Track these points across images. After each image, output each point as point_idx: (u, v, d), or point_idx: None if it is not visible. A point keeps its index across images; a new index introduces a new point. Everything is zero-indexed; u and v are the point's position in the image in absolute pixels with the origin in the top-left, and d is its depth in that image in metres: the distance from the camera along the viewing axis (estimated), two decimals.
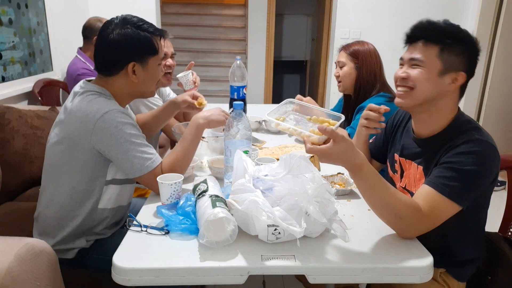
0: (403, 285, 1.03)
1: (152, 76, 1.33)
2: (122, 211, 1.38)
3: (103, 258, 1.26)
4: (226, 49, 5.42)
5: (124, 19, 1.29)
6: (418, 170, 1.19)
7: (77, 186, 1.25)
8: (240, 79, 1.87)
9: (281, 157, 1.09)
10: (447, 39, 1.09)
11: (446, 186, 1.03)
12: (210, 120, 1.37)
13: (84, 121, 1.20)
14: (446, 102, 1.13)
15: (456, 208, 1.03)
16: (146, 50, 1.28)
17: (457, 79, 1.10)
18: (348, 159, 1.00)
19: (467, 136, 1.07)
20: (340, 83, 1.96)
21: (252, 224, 0.97)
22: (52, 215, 1.28)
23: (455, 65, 1.10)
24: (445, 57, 1.09)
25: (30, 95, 2.58)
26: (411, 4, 3.76)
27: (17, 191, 1.82)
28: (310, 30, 6.67)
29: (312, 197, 0.99)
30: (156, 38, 1.30)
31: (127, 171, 1.24)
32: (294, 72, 6.99)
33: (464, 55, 1.10)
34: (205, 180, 1.17)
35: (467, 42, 1.10)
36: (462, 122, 1.13)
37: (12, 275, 0.96)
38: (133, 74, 1.28)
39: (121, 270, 0.91)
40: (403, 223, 1.02)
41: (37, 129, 1.88)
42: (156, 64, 1.32)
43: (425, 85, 1.11)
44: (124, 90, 1.31)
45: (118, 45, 1.24)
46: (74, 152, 1.22)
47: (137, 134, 1.24)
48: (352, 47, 1.91)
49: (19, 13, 2.48)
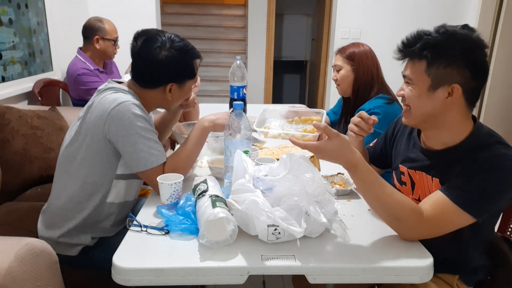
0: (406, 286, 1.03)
1: (185, 95, 1.42)
2: (128, 207, 1.40)
3: (105, 257, 1.26)
4: (226, 49, 5.42)
5: (172, 41, 1.33)
6: (433, 183, 1.12)
7: (87, 178, 1.27)
8: (240, 79, 1.87)
9: (281, 157, 1.09)
10: (430, 53, 1.01)
11: (461, 198, 0.98)
12: (216, 123, 1.38)
13: (100, 110, 1.24)
14: (452, 116, 1.05)
15: (469, 220, 1.00)
16: (187, 74, 1.36)
17: (452, 92, 1.02)
18: (343, 156, 1.00)
19: (492, 150, 1.00)
20: (338, 86, 1.95)
21: (252, 224, 0.97)
22: (61, 205, 1.31)
23: (446, 78, 1.01)
24: (433, 71, 1.01)
25: (30, 95, 2.58)
26: (411, 4, 3.76)
27: (17, 191, 1.82)
28: (310, 30, 6.67)
29: (312, 197, 0.99)
30: (196, 62, 1.38)
31: (132, 164, 1.25)
32: (294, 72, 6.99)
33: (455, 65, 1.00)
34: (205, 180, 1.17)
35: (456, 51, 1.00)
36: (482, 135, 1.05)
37: (12, 275, 0.96)
38: (169, 92, 1.34)
39: (121, 270, 0.91)
40: (401, 225, 1.02)
41: (37, 129, 1.88)
42: (191, 85, 1.41)
43: (418, 103, 1.06)
44: (154, 102, 1.38)
45: (163, 66, 1.30)
46: (89, 142, 1.25)
47: (148, 128, 1.25)
48: (348, 50, 1.90)
49: (19, 13, 2.48)
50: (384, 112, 1.74)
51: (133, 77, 1.35)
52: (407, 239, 1.03)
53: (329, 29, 4.28)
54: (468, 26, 1.04)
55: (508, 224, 1.41)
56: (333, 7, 4.01)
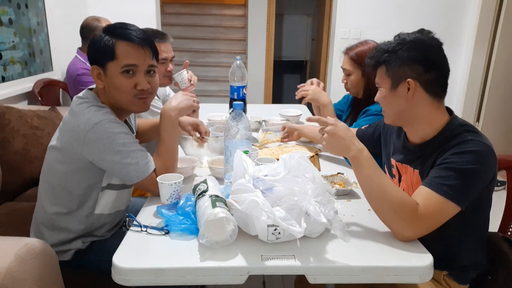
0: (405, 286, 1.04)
1: (114, 83, 1.21)
2: (120, 215, 1.39)
3: (100, 260, 1.26)
4: (226, 49, 5.42)
5: (108, 24, 1.26)
6: (414, 174, 1.20)
7: (73, 191, 1.24)
8: (240, 79, 1.87)
9: (281, 157, 1.09)
10: (384, 58, 1.15)
11: (442, 186, 1.03)
12: (180, 108, 1.33)
13: (75, 132, 1.18)
14: (421, 110, 1.15)
15: (455, 208, 1.03)
16: (105, 55, 1.20)
17: (409, 87, 1.13)
18: (353, 137, 1.10)
19: (461, 137, 1.08)
20: (348, 90, 1.91)
21: (252, 224, 0.97)
22: (48, 218, 1.28)
23: (401, 75, 1.13)
24: (390, 72, 1.15)
25: (30, 95, 2.58)
26: (411, 4, 3.76)
27: (17, 191, 1.82)
28: (310, 30, 6.67)
29: (312, 197, 0.99)
30: (124, 43, 1.20)
31: (123, 178, 1.23)
32: (294, 72, 6.99)
33: (407, 63, 1.12)
34: (205, 180, 1.17)
35: (403, 52, 1.12)
36: (455, 126, 1.13)
37: (12, 275, 0.96)
38: (98, 79, 1.24)
39: (121, 270, 0.91)
40: (397, 219, 1.02)
41: (37, 129, 1.88)
42: (116, 71, 1.21)
43: (387, 103, 1.19)
44: (105, 99, 1.26)
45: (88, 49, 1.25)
46: (68, 160, 1.22)
47: (129, 142, 1.21)
48: (356, 51, 1.83)
49: (19, 13, 2.48)
50: None
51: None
52: (403, 236, 1.03)
53: (329, 29, 4.28)
54: (423, 29, 1.16)
55: (508, 224, 1.41)
56: (333, 7, 4.01)
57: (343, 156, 1.16)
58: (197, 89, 1.99)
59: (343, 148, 1.10)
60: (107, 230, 1.35)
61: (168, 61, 1.89)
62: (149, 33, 1.54)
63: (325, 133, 1.13)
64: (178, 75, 1.97)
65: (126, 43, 1.21)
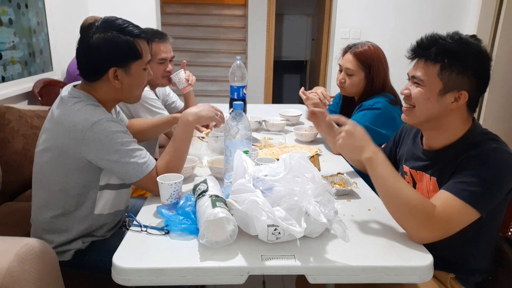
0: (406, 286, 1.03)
1: (137, 81, 1.27)
2: (120, 215, 1.38)
3: (101, 259, 1.26)
4: (226, 49, 5.42)
5: (105, 21, 1.21)
6: (431, 181, 1.16)
7: (70, 191, 1.23)
8: (240, 79, 1.87)
9: (281, 157, 1.09)
10: (446, 58, 1.04)
11: (464, 191, 1.00)
12: (200, 116, 1.34)
13: (72, 131, 1.16)
14: (453, 120, 1.10)
15: (474, 214, 1.01)
16: (127, 55, 1.22)
17: (459, 98, 1.06)
18: (368, 139, 1.10)
19: (486, 145, 1.05)
20: (343, 88, 1.87)
21: (252, 224, 0.97)
22: (45, 220, 1.27)
23: (457, 84, 1.05)
24: (446, 76, 1.05)
25: (30, 95, 2.58)
26: (411, 4, 3.76)
27: (17, 191, 1.82)
28: (310, 30, 6.67)
29: (312, 197, 0.99)
30: (139, 41, 1.23)
31: (122, 177, 1.23)
32: (294, 72, 6.99)
33: (466, 73, 1.05)
34: (205, 180, 1.17)
35: (470, 60, 1.04)
36: (476, 134, 1.10)
37: (12, 275, 0.96)
38: (115, 80, 1.22)
39: (121, 270, 0.91)
40: (412, 219, 1.00)
41: (37, 129, 1.88)
42: (140, 69, 1.26)
43: (425, 105, 1.10)
44: (109, 96, 1.27)
45: (98, 51, 1.19)
46: (64, 160, 1.20)
47: (128, 140, 1.21)
48: (363, 53, 1.78)
49: (19, 13, 2.48)
50: (385, 108, 1.72)
51: (79, 73, 1.26)
52: (417, 237, 1.01)
53: (329, 29, 4.28)
54: (476, 37, 1.08)
55: (509, 225, 1.41)
56: (333, 7, 4.01)
57: (352, 164, 1.15)
58: (197, 89, 2.00)
59: (358, 149, 1.09)
60: (107, 230, 1.35)
61: (167, 61, 1.89)
62: (149, 33, 1.55)
63: (342, 131, 1.12)
64: (175, 75, 1.97)
65: (142, 41, 1.25)
